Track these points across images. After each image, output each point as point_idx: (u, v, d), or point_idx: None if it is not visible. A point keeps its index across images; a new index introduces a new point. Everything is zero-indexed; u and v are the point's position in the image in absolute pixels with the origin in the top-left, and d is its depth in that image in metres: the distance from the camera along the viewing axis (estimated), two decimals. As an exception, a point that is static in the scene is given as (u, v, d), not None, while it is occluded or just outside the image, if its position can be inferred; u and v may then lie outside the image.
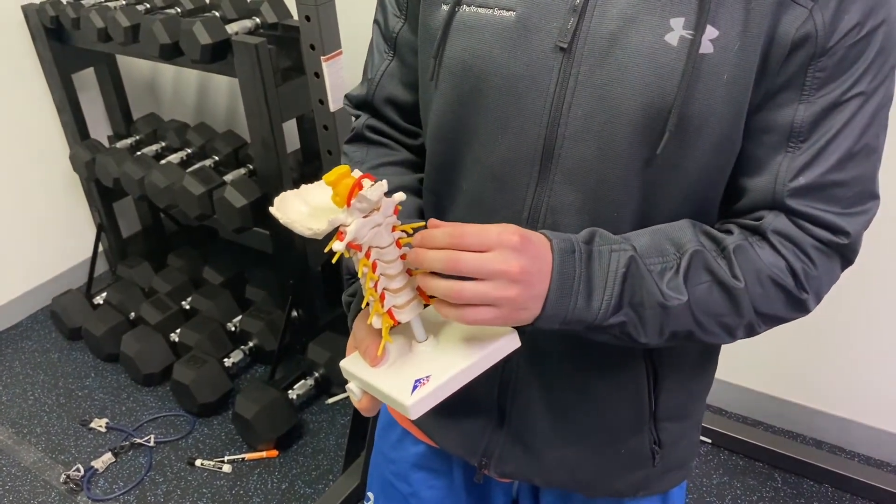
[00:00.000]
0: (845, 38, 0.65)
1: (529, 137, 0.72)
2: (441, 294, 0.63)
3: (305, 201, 0.66)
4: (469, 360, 0.68)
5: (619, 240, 0.70)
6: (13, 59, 2.54)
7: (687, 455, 0.94)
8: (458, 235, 0.63)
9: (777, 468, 2.05)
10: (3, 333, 2.76)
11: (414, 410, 0.66)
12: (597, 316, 0.67)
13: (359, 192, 0.60)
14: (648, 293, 0.68)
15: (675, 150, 0.69)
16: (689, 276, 0.69)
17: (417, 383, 0.67)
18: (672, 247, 0.71)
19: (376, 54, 0.90)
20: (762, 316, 0.72)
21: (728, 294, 0.70)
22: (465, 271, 0.62)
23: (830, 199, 0.70)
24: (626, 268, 0.68)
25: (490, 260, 0.62)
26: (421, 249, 0.64)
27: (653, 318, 0.69)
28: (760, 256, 0.70)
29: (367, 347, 0.72)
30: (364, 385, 0.73)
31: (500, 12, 0.72)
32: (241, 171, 2.34)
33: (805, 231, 0.71)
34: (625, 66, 0.67)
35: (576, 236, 0.69)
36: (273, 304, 2.54)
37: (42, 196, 2.77)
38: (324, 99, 1.83)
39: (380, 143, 0.92)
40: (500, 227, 0.64)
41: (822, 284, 0.73)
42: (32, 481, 2.14)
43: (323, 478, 2.11)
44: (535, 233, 0.67)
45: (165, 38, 2.02)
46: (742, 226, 0.73)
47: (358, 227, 0.61)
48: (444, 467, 1.03)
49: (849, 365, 1.99)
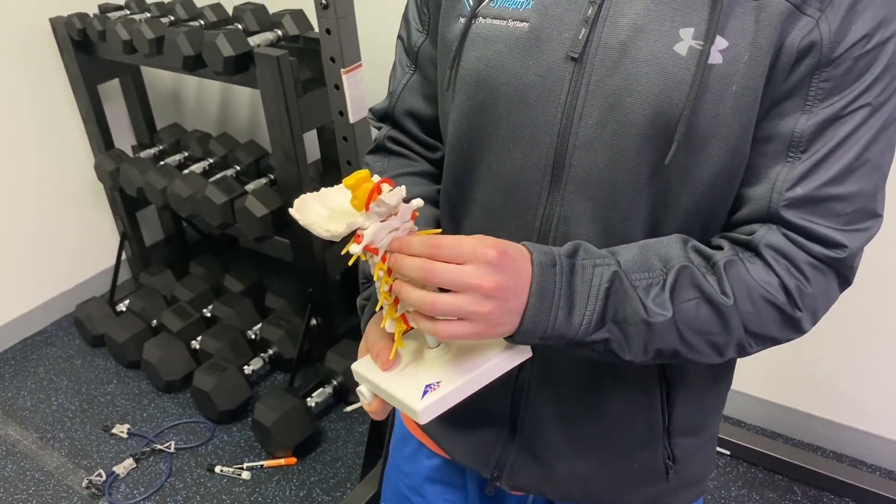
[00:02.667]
0: (852, 49, 0.64)
1: (541, 146, 0.73)
2: (414, 304, 0.63)
3: (324, 204, 0.67)
4: (480, 368, 0.68)
5: (604, 254, 0.69)
6: (41, 70, 2.59)
7: (702, 471, 0.93)
8: (433, 246, 0.62)
9: (797, 481, 2.03)
10: (27, 340, 2.81)
11: (424, 415, 0.66)
12: (577, 331, 0.67)
13: (377, 197, 0.61)
14: (632, 309, 0.67)
15: (684, 159, 0.68)
16: (675, 293, 0.68)
17: (428, 388, 0.67)
18: (659, 262, 0.70)
19: (399, 68, 0.92)
20: (753, 335, 0.71)
21: (716, 311, 0.69)
22: (439, 282, 0.62)
23: (827, 213, 0.68)
24: (610, 283, 0.67)
25: (464, 273, 0.61)
26: (398, 255, 0.64)
27: (637, 336, 0.68)
28: (751, 272, 0.69)
29: (379, 351, 0.72)
30: (375, 388, 0.73)
31: (515, 23, 0.73)
32: (262, 181, 2.37)
33: (799, 246, 0.69)
34: (634, 76, 0.67)
35: (559, 249, 0.68)
36: (292, 312, 2.56)
37: (67, 205, 2.82)
38: (344, 110, 1.85)
39: (400, 154, 0.94)
40: (475, 239, 0.63)
41: (818, 303, 0.71)
42: (55, 486, 2.17)
43: (340, 486, 2.12)
44: (514, 245, 0.66)
45: (189, 50, 2.05)
46: (734, 241, 0.72)
47: (375, 231, 0.62)
48: (458, 481, 1.02)
49: (870, 377, 1.97)
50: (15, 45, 2.50)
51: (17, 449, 2.30)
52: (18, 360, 2.70)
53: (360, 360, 0.77)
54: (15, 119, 2.57)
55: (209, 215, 2.25)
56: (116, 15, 2.38)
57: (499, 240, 0.64)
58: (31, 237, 2.73)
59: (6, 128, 2.55)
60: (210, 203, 2.21)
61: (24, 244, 2.71)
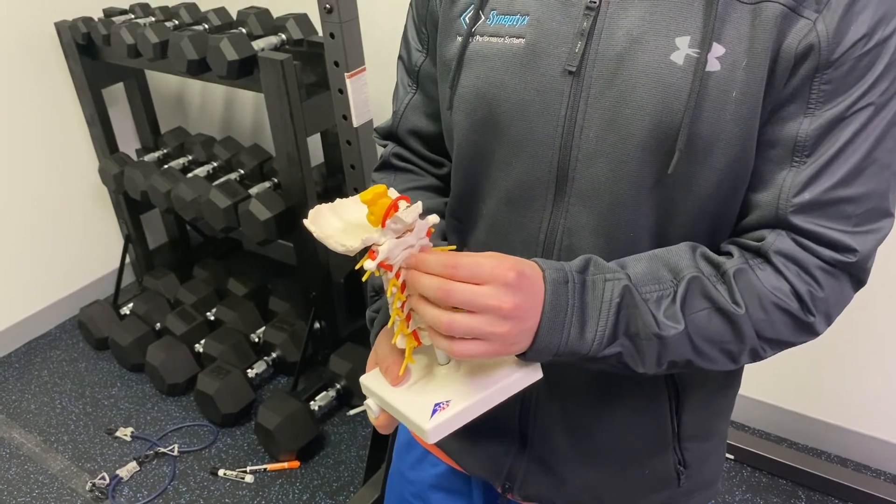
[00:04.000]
0: (852, 50, 0.63)
1: (543, 161, 0.73)
2: (432, 323, 0.63)
3: (340, 217, 0.66)
4: (490, 388, 0.67)
5: (615, 268, 0.69)
6: (45, 74, 2.60)
7: (713, 474, 0.93)
8: (451, 266, 0.61)
9: (801, 486, 2.03)
10: (32, 343, 2.81)
11: (433, 435, 0.66)
12: (591, 348, 0.66)
13: (394, 214, 0.60)
14: (644, 323, 0.67)
15: (686, 169, 0.68)
16: (686, 304, 0.68)
17: (437, 407, 0.67)
18: (669, 273, 0.69)
19: (401, 88, 0.92)
20: (766, 341, 0.70)
21: (728, 320, 0.68)
22: (457, 303, 0.61)
23: (837, 216, 0.67)
24: (621, 297, 0.66)
25: (483, 294, 0.61)
26: (416, 273, 0.63)
27: (649, 349, 0.68)
28: (762, 280, 0.68)
29: (388, 366, 0.72)
30: (383, 403, 0.73)
31: (511, 40, 0.73)
32: (265, 185, 2.37)
33: (809, 251, 0.68)
34: (632, 87, 0.67)
35: (570, 265, 0.68)
36: (296, 315, 2.57)
37: (71, 208, 2.82)
38: (347, 115, 1.86)
39: (406, 170, 0.94)
40: (494, 260, 0.63)
41: (831, 306, 0.70)
42: (59, 489, 2.17)
43: (344, 489, 2.12)
44: (529, 264, 0.65)
45: (193, 54, 2.06)
46: (743, 247, 0.71)
47: (391, 248, 0.62)
48: (463, 488, 1.02)
49: (876, 381, 1.96)
50: (20, 49, 2.51)
51: (21, 452, 2.31)
52: (22, 363, 2.70)
53: (368, 373, 0.76)
54: (19, 122, 2.57)
55: (213, 219, 2.26)
56: (121, 19, 2.39)
57: (515, 259, 0.64)
58: (35, 240, 2.74)
59: (11, 131, 2.56)
60: (214, 206, 2.22)
61: (28, 247, 2.72)
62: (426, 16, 0.85)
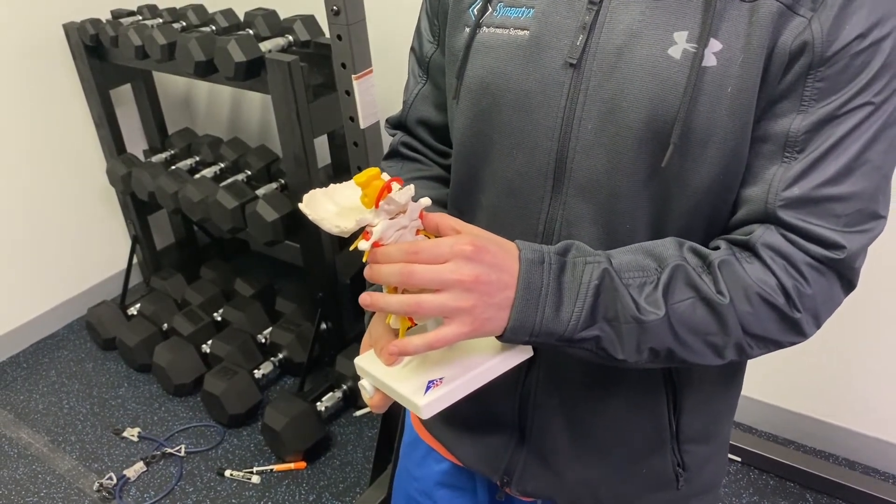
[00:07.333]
0: (847, 48, 0.63)
1: (542, 151, 0.74)
2: (400, 310, 0.64)
3: (334, 200, 0.68)
4: (482, 364, 0.69)
5: (596, 253, 0.69)
6: (54, 75, 2.61)
7: (714, 479, 0.92)
8: (412, 252, 0.63)
9: (809, 489, 2.02)
10: (39, 343, 2.82)
11: (426, 410, 0.67)
12: (566, 328, 0.66)
13: (387, 195, 0.62)
14: (623, 306, 0.67)
15: (681, 162, 0.69)
16: (669, 291, 0.68)
17: (431, 384, 0.68)
18: (653, 262, 0.69)
19: (411, 79, 0.94)
20: (752, 336, 0.69)
21: (713, 311, 0.68)
22: (420, 283, 0.62)
23: (825, 214, 0.67)
24: (600, 280, 0.67)
25: (443, 270, 0.62)
26: (375, 265, 0.65)
27: (629, 334, 0.67)
28: (748, 272, 0.68)
29: (383, 346, 0.72)
30: (377, 383, 0.74)
31: (516, 32, 0.75)
32: (272, 186, 2.38)
33: (797, 246, 0.68)
34: (630, 80, 0.68)
35: (549, 247, 0.68)
36: (302, 316, 2.57)
37: (79, 209, 2.84)
38: (354, 116, 1.86)
39: (414, 159, 0.96)
40: (453, 237, 0.64)
41: (819, 304, 0.69)
42: (67, 489, 2.18)
43: (350, 490, 2.13)
44: (499, 241, 0.67)
45: (201, 55, 2.06)
46: (731, 241, 0.71)
47: (384, 228, 0.64)
48: (468, 485, 1.03)
49: (884, 382, 1.95)
50: (28, 51, 2.52)
51: (29, 452, 2.32)
52: (30, 364, 2.72)
53: (363, 354, 0.78)
54: (28, 123, 2.59)
55: (220, 219, 2.26)
56: (129, 21, 2.40)
57: (480, 235, 0.65)
58: (42, 241, 2.75)
59: (19, 132, 2.57)
60: (221, 207, 2.22)
61: (35, 248, 2.73)
62: (438, 7, 0.87)
